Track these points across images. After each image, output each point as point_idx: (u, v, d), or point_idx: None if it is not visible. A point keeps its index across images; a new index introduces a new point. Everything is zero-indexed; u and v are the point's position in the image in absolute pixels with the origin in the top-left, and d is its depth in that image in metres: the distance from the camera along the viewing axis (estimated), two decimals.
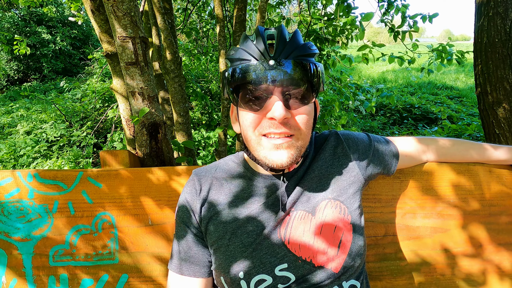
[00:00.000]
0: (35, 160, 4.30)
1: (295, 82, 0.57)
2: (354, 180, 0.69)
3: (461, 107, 6.51)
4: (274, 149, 0.59)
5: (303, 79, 0.58)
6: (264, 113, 0.58)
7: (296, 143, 0.60)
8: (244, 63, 0.59)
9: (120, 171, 0.87)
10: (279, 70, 0.56)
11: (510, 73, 1.44)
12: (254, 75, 0.57)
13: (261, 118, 0.59)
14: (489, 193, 0.87)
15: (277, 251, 0.62)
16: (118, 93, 1.20)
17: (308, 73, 0.58)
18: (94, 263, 0.86)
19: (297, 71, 0.57)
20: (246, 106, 0.60)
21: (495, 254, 0.87)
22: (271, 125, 0.58)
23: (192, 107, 5.04)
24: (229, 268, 0.62)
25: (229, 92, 0.63)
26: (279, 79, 0.56)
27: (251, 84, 0.58)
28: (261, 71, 0.56)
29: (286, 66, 0.56)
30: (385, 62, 9.89)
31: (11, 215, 0.85)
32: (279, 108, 0.56)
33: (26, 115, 5.66)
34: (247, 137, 0.62)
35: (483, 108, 1.54)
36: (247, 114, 0.60)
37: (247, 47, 0.60)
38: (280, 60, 0.57)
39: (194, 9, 3.70)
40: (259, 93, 0.58)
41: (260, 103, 0.58)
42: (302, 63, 0.58)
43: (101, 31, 1.12)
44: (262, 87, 0.57)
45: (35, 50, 9.80)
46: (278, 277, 0.60)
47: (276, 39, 0.59)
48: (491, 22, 1.48)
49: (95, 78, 5.89)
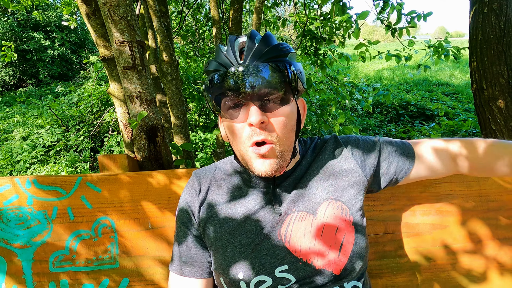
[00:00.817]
0: (32, 166, 4.27)
1: (268, 85, 0.57)
2: (356, 181, 0.67)
3: (456, 104, 6.56)
4: (258, 158, 0.59)
5: (276, 81, 0.57)
6: (244, 119, 0.59)
7: (278, 148, 0.59)
8: (215, 74, 0.59)
9: (119, 175, 0.87)
10: (250, 76, 0.56)
11: (505, 69, 1.45)
12: (226, 83, 0.57)
13: (243, 126, 0.59)
14: (487, 189, 0.88)
15: (277, 252, 0.62)
16: (115, 97, 1.20)
17: (281, 74, 0.58)
18: (95, 268, 0.86)
19: (269, 74, 0.57)
20: (227, 114, 0.60)
21: (494, 249, 0.87)
22: (252, 133, 0.58)
23: (189, 109, 5.04)
24: (228, 269, 0.62)
25: (211, 104, 0.63)
26: (251, 84, 0.56)
27: (225, 93, 0.58)
28: (232, 78, 0.57)
29: (257, 70, 0.56)
30: (380, 60, 9.94)
31: (10, 222, 0.85)
32: (255, 113, 0.56)
33: (22, 121, 5.63)
34: (236, 146, 0.63)
35: (479, 104, 1.55)
36: (230, 125, 0.61)
37: (219, 58, 0.61)
38: (250, 65, 0.57)
39: (190, 11, 3.69)
40: (235, 101, 0.58)
41: (239, 109, 0.59)
42: (274, 64, 0.57)
43: (97, 36, 1.11)
44: (236, 94, 0.57)
45: (31, 55, 9.74)
46: (278, 279, 0.60)
47: (246, 45, 0.60)
48: (485, 19, 1.49)
49: (91, 82, 5.87)
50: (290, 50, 0.61)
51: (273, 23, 3.50)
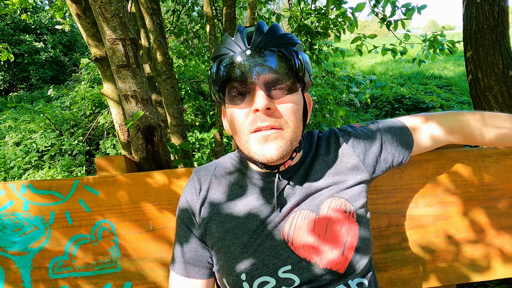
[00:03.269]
0: (27, 171, 4.20)
1: (275, 71, 0.56)
2: (359, 177, 0.67)
3: (450, 96, 6.62)
4: (263, 142, 0.56)
5: (284, 68, 0.57)
6: (249, 107, 0.57)
7: (285, 135, 0.57)
8: (223, 57, 0.59)
9: (117, 177, 0.85)
10: (258, 60, 0.55)
11: (500, 59, 1.46)
12: (233, 67, 0.56)
13: (248, 113, 0.58)
14: (488, 178, 0.88)
15: (280, 252, 0.61)
16: (110, 98, 1.18)
17: (288, 62, 0.57)
18: (96, 272, 0.84)
19: (277, 60, 0.56)
20: (232, 103, 0.59)
21: (497, 238, 0.88)
22: (257, 119, 0.56)
23: (185, 109, 5.00)
24: (231, 269, 0.61)
25: (215, 92, 0.62)
26: (258, 69, 0.55)
27: (232, 78, 0.57)
28: (239, 62, 0.56)
29: (265, 55, 0.56)
30: (374, 55, 9.98)
31: (6, 228, 0.82)
32: (261, 97, 0.55)
33: (14, 126, 5.53)
34: (237, 136, 0.61)
35: (475, 94, 1.56)
36: (234, 111, 0.59)
37: (226, 44, 0.60)
38: (258, 50, 0.56)
39: (183, 10, 3.65)
40: (241, 86, 0.57)
41: (244, 97, 0.58)
42: (282, 51, 0.57)
43: (88, 35, 1.09)
44: (243, 79, 0.56)
45: (22, 58, 9.56)
46: (282, 279, 0.59)
47: (254, 32, 0.59)
48: (479, 9, 1.49)
49: (83, 85, 5.79)
50: (298, 41, 0.61)
51: (267, 18, 3.48)
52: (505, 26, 1.50)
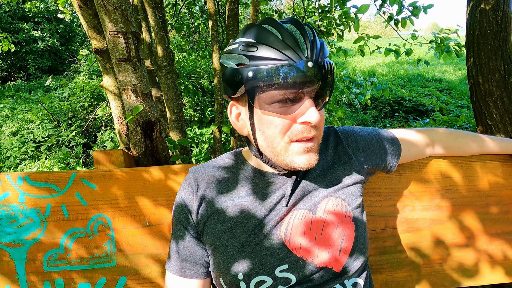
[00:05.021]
0: (23, 162, 4.17)
1: (325, 84, 0.55)
2: (355, 177, 0.68)
3: (450, 99, 6.63)
4: (304, 153, 0.58)
5: (330, 81, 0.56)
6: (294, 117, 0.56)
7: (318, 142, 0.60)
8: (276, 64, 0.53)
9: (115, 171, 0.84)
10: (314, 72, 0.53)
11: (501, 64, 1.45)
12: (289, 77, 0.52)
13: (291, 123, 0.56)
14: (485, 184, 0.88)
15: (277, 251, 0.61)
16: (109, 91, 1.17)
17: (333, 74, 0.57)
18: (91, 266, 0.84)
19: (328, 73, 0.55)
20: (273, 110, 0.56)
21: (490, 244, 0.88)
22: (304, 130, 0.56)
23: (184, 104, 4.97)
24: (228, 269, 0.61)
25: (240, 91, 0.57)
26: (313, 82, 0.54)
27: (283, 87, 0.53)
28: (297, 73, 0.52)
29: (320, 67, 0.54)
30: (374, 56, 9.96)
31: (1, 220, 0.82)
32: (314, 112, 0.54)
33: (12, 115, 5.47)
34: (273, 144, 0.59)
35: (475, 99, 1.56)
36: (274, 119, 0.57)
37: (273, 44, 0.53)
38: (316, 61, 0.53)
39: (184, 4, 3.61)
40: (291, 96, 0.54)
41: (291, 107, 0.55)
42: (330, 63, 0.56)
43: (89, 27, 1.07)
44: (296, 90, 0.54)
45: (20, 47, 9.45)
46: (279, 278, 0.59)
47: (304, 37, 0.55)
48: (483, 14, 1.49)
49: (82, 76, 5.73)
50: None
51: (270, 16, 3.46)
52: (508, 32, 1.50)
